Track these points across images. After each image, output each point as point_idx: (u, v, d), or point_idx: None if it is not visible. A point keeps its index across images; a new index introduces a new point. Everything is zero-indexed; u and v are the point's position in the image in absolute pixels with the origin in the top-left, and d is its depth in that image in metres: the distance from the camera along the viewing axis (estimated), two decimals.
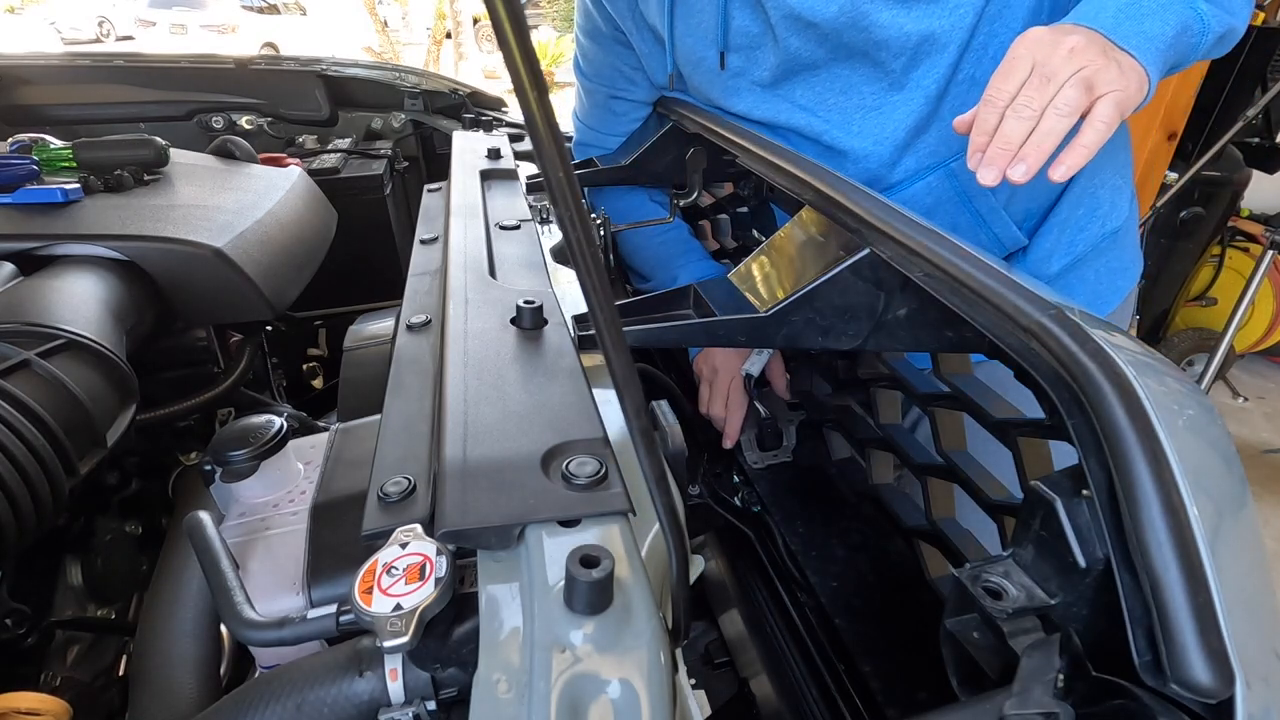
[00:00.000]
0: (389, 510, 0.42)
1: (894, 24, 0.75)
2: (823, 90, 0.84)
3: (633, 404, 0.28)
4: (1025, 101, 0.58)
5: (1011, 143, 0.58)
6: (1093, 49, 0.59)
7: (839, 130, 0.85)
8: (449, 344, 0.53)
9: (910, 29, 0.75)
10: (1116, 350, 0.38)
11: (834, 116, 0.84)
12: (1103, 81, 0.58)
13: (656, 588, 0.36)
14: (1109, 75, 0.58)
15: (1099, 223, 0.86)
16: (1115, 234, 0.87)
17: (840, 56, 0.80)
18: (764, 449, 0.87)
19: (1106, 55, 0.59)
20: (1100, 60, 0.58)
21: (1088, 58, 0.58)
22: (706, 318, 0.60)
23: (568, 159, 0.21)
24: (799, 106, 0.85)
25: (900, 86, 0.80)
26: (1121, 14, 0.62)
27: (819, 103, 0.84)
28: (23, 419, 0.57)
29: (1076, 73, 0.58)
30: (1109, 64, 0.59)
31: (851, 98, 0.83)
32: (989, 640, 0.38)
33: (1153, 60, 0.61)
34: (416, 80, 1.81)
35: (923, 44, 0.76)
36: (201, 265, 0.87)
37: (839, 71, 0.82)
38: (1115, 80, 0.59)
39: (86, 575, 0.76)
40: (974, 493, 0.55)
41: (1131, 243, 0.92)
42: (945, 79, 0.78)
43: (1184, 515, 0.31)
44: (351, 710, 0.39)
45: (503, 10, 0.18)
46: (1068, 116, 0.57)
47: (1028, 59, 0.59)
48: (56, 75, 1.66)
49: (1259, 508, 1.00)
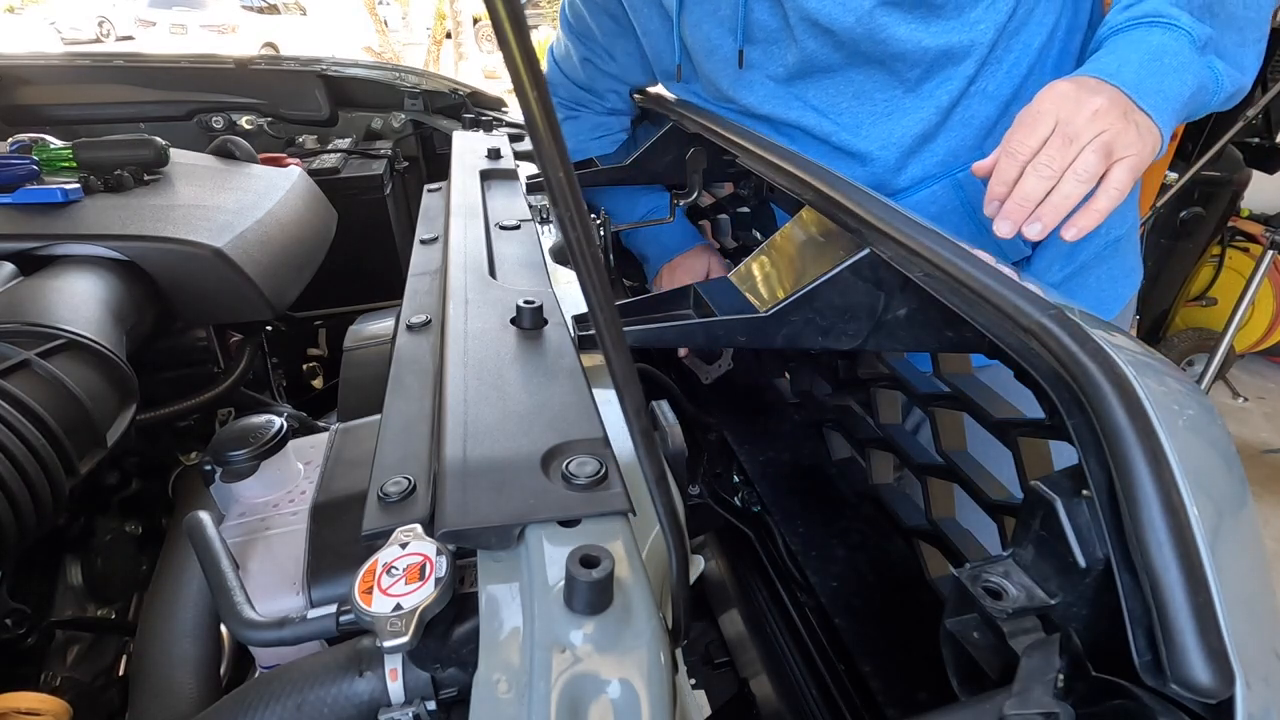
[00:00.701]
0: (389, 510, 0.42)
1: (912, 38, 0.75)
2: (836, 93, 0.84)
3: (633, 404, 0.28)
4: (1047, 161, 0.59)
5: (1030, 200, 0.60)
6: (1115, 111, 0.60)
7: (848, 133, 0.85)
8: (449, 344, 0.53)
9: (929, 44, 0.75)
10: (1116, 350, 0.38)
11: (845, 119, 0.84)
12: (1121, 146, 0.59)
13: (656, 588, 0.36)
14: (1128, 139, 0.60)
15: (1102, 232, 0.85)
16: (1117, 242, 0.87)
17: (856, 63, 0.80)
18: (708, 363, 0.97)
19: (1127, 118, 0.60)
20: (1120, 124, 0.59)
21: (1109, 120, 0.59)
22: (706, 318, 0.60)
23: (568, 159, 0.21)
24: (810, 106, 0.85)
25: (913, 94, 0.80)
26: (1144, 71, 0.62)
27: (831, 105, 0.84)
28: (23, 419, 0.57)
29: (1098, 136, 0.59)
30: (1128, 127, 0.60)
31: (864, 103, 0.83)
32: (989, 640, 0.38)
33: (1168, 120, 0.63)
34: (416, 80, 1.81)
35: (940, 58, 0.77)
36: (201, 265, 0.87)
37: (853, 76, 0.82)
38: (1133, 145, 0.60)
39: (86, 575, 0.76)
40: (974, 493, 0.55)
41: (1133, 249, 0.92)
42: (960, 92, 0.79)
43: (1184, 515, 0.31)
44: (351, 710, 0.39)
45: (503, 10, 0.18)
46: (1086, 183, 0.59)
47: (1052, 115, 0.60)
48: (56, 75, 1.66)
49: (1259, 508, 1.01)
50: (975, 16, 0.74)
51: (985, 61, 0.77)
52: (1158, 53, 0.63)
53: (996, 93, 0.80)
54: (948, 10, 0.74)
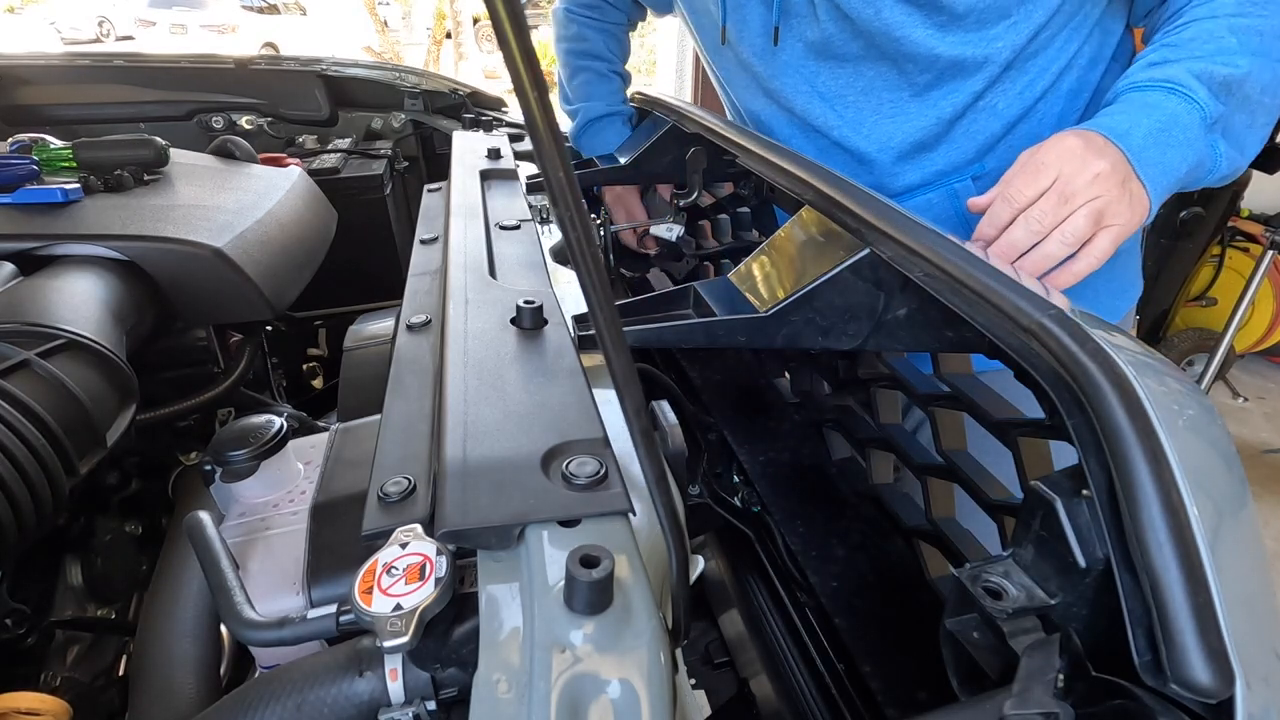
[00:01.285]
0: (389, 510, 0.42)
1: (926, 43, 0.75)
2: (845, 84, 0.83)
3: (633, 404, 0.28)
4: (1039, 215, 0.61)
5: (1014, 249, 0.62)
6: (1114, 178, 0.61)
7: (849, 128, 0.84)
8: (449, 344, 0.53)
9: (942, 52, 0.75)
10: (1116, 350, 0.38)
11: (848, 114, 0.84)
12: (1112, 214, 0.61)
13: (656, 588, 0.36)
14: (1120, 209, 0.61)
15: None
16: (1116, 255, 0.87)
17: (871, 57, 0.80)
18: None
19: (1124, 186, 0.61)
20: (1117, 192, 0.61)
21: (1107, 187, 0.60)
22: (706, 318, 0.60)
23: (568, 159, 0.21)
24: (818, 92, 0.85)
25: (919, 100, 0.80)
26: (1150, 139, 0.63)
27: (838, 95, 0.84)
28: (23, 419, 0.57)
29: (1092, 200, 0.60)
30: (1123, 195, 0.61)
31: (869, 99, 0.83)
32: (989, 640, 0.38)
33: (1161, 193, 0.64)
34: (416, 80, 1.81)
35: (951, 67, 0.76)
36: (201, 265, 0.87)
37: (865, 70, 0.81)
38: (1123, 214, 0.61)
39: (86, 575, 0.76)
40: (974, 493, 0.55)
41: (1132, 264, 0.92)
42: (965, 105, 0.78)
43: (1184, 515, 0.31)
44: (351, 710, 0.39)
45: (503, 10, 0.18)
46: (1070, 246, 0.61)
47: (1054, 169, 0.61)
48: (56, 75, 1.66)
49: (1259, 508, 1.01)
50: (995, 33, 0.74)
51: (997, 80, 0.77)
52: (1168, 123, 0.63)
53: (1005, 111, 0.79)
54: (968, 22, 0.73)
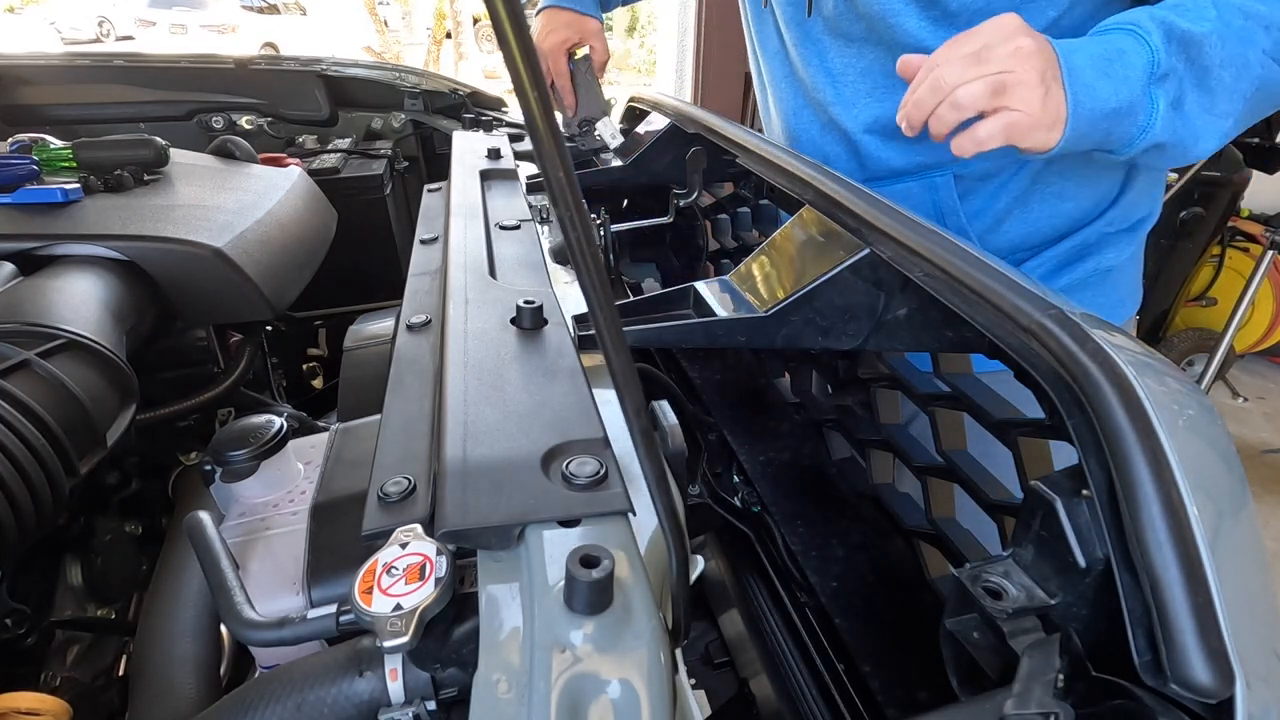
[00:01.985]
0: (389, 510, 0.42)
1: (917, 35, 0.76)
2: (848, 64, 0.84)
3: (633, 404, 0.28)
4: (945, 74, 0.59)
5: (919, 108, 0.61)
6: (1037, 62, 0.58)
7: (842, 106, 0.86)
8: (449, 344, 0.53)
9: (931, 46, 0.75)
10: (1116, 350, 0.38)
11: (846, 92, 0.85)
12: (1017, 98, 0.58)
13: (656, 588, 0.36)
14: (1028, 95, 0.58)
15: (1091, 262, 0.84)
16: (1108, 272, 0.86)
17: (871, 40, 0.81)
18: None
19: (1044, 79, 0.58)
20: (1032, 77, 0.57)
21: (1024, 66, 0.57)
22: (706, 318, 0.60)
23: (568, 159, 0.21)
24: (825, 68, 0.86)
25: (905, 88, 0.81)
26: (1089, 60, 0.60)
27: (841, 74, 0.85)
28: (23, 419, 0.57)
29: (1001, 73, 0.57)
30: (1037, 86, 0.58)
31: (866, 80, 0.84)
32: (989, 640, 0.38)
33: (1082, 115, 0.59)
34: (416, 80, 1.81)
35: None
36: (201, 265, 0.87)
37: (866, 52, 0.82)
38: (1029, 103, 0.58)
39: (86, 575, 0.76)
40: (974, 493, 0.55)
41: (1130, 278, 0.90)
42: None
43: (1184, 515, 0.31)
44: (351, 710, 0.39)
45: (503, 10, 0.18)
46: (959, 110, 0.59)
47: (982, 37, 0.59)
48: (56, 75, 1.66)
49: (1259, 508, 1.01)
50: None
51: None
52: (1113, 55, 0.60)
53: None
54: (960, 20, 0.73)
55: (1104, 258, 0.84)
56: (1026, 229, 0.85)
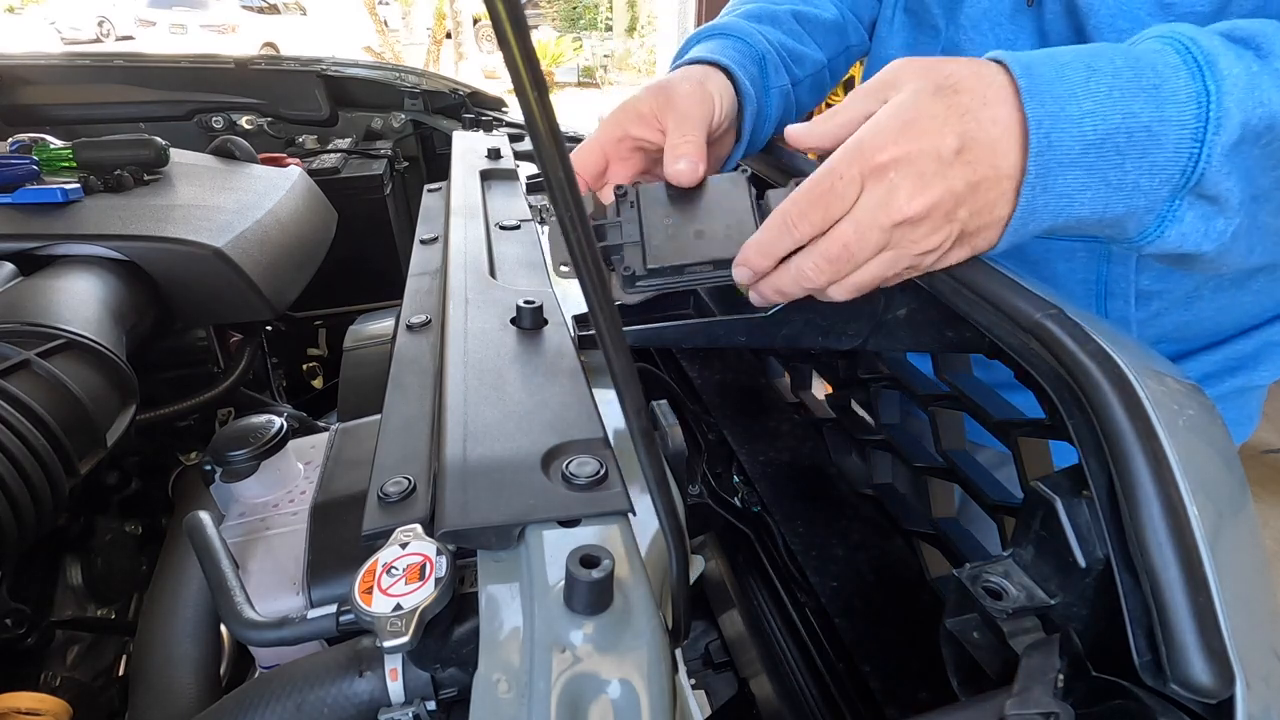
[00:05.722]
0: (389, 510, 0.42)
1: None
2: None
3: (633, 404, 0.28)
4: (806, 272, 0.43)
5: (783, 295, 0.46)
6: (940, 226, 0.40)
7: None
8: (449, 344, 0.53)
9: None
10: (1117, 350, 0.38)
11: None
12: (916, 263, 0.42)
13: (656, 588, 0.36)
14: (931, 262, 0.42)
15: (1242, 379, 0.68)
16: (1247, 391, 0.70)
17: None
18: None
19: (950, 219, 0.39)
20: (933, 249, 0.41)
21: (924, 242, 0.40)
22: (706, 318, 0.60)
23: (568, 159, 0.21)
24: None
25: None
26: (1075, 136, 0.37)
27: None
28: (23, 419, 0.57)
29: (877, 258, 0.41)
30: (943, 254, 0.42)
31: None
32: (989, 640, 0.38)
33: (1033, 226, 0.41)
34: (416, 80, 1.81)
35: None
36: (201, 265, 0.87)
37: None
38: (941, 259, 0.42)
39: (86, 575, 0.76)
40: (974, 493, 0.55)
41: (1260, 396, 0.73)
42: None
43: (1184, 515, 0.31)
44: (351, 710, 0.39)
45: (503, 10, 0.18)
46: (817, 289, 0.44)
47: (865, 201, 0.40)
48: (56, 75, 1.66)
49: (1259, 508, 1.01)
50: None
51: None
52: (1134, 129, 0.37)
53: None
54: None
55: (1256, 374, 0.67)
56: (1185, 319, 0.64)
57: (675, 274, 0.48)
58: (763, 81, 0.64)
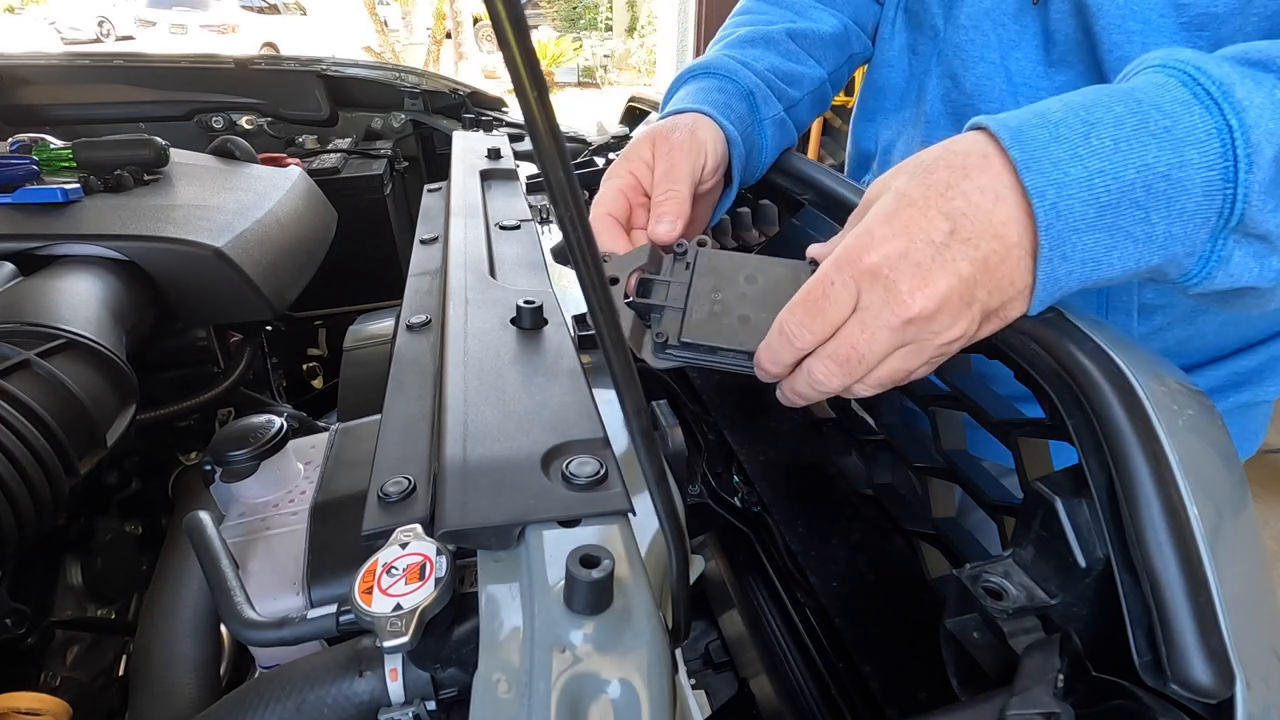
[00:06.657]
0: (389, 510, 0.42)
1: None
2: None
3: (633, 404, 0.28)
4: (818, 377, 0.41)
5: (800, 398, 0.45)
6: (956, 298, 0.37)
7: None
8: (449, 344, 0.53)
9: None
10: (1117, 350, 0.38)
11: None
12: (931, 355, 0.40)
13: (656, 588, 0.36)
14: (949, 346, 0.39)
15: (1248, 394, 0.67)
16: (1253, 406, 0.69)
17: None
18: None
19: (969, 303, 0.37)
20: (959, 327, 0.38)
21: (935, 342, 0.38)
22: None
23: (568, 159, 0.21)
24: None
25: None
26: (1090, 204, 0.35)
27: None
28: (23, 419, 0.57)
29: (895, 354, 0.40)
30: (967, 329, 0.39)
31: None
32: (989, 640, 0.38)
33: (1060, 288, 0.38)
34: (416, 80, 1.81)
35: None
36: (201, 265, 0.87)
37: None
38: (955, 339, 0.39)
39: (86, 575, 0.76)
40: (974, 493, 0.55)
41: (1266, 412, 0.72)
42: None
43: (1184, 515, 0.31)
44: (351, 710, 0.39)
45: (503, 10, 0.18)
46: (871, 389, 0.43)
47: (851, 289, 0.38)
48: (56, 75, 1.66)
49: (1259, 508, 1.00)
50: None
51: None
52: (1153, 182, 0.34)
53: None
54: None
55: (1262, 390, 0.66)
56: (1188, 333, 0.63)
57: (708, 353, 0.46)
58: (753, 116, 0.66)
